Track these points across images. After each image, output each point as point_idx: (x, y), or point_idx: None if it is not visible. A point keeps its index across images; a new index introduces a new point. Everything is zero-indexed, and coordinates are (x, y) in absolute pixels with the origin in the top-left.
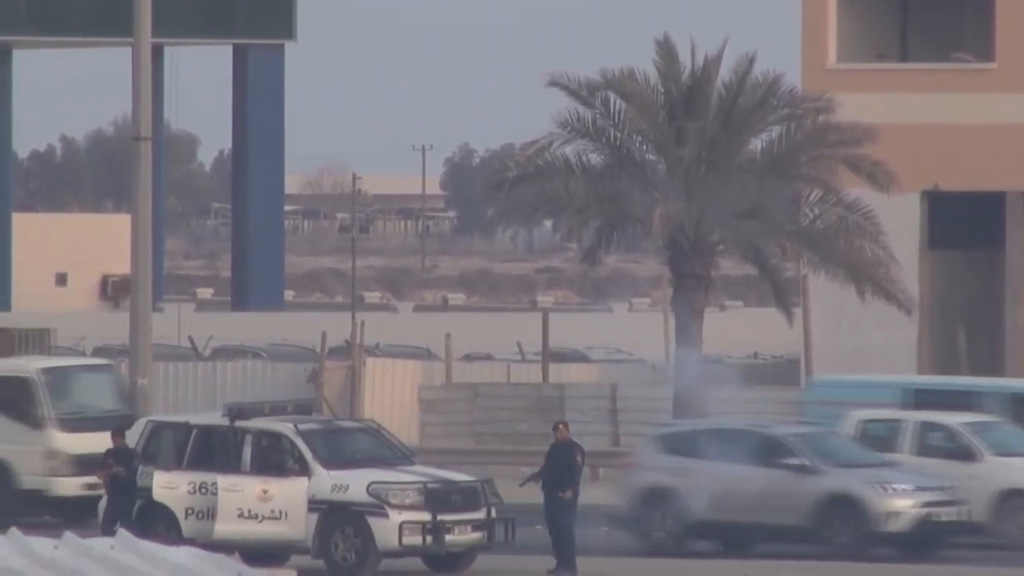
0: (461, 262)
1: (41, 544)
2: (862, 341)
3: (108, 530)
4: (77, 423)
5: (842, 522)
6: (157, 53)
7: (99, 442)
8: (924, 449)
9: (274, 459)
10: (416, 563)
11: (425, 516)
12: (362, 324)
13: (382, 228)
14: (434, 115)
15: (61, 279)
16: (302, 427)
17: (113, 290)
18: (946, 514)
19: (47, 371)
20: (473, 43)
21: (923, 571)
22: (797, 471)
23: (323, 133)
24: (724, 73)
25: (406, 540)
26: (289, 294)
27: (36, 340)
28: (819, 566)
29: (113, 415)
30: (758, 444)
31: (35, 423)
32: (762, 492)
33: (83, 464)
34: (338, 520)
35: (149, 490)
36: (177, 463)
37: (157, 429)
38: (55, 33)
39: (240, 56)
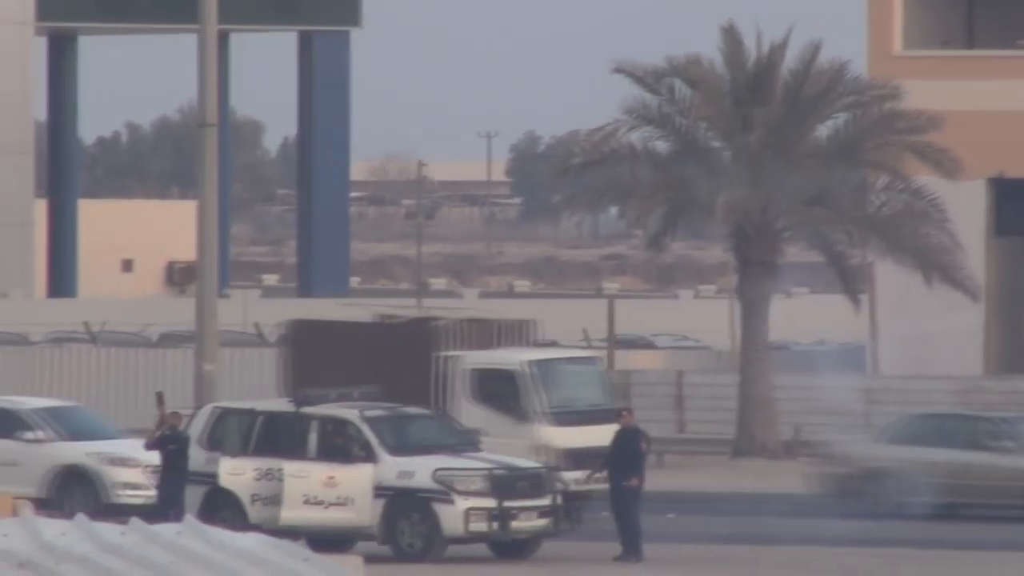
0: (527, 249)
1: (107, 530)
2: (928, 328)
3: (163, 514)
4: (565, 417)
5: None
6: (223, 40)
7: (588, 436)
8: None
9: (340, 445)
10: (482, 549)
11: (491, 503)
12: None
13: (447, 215)
14: (500, 101)
15: (127, 265)
16: (368, 414)
17: (178, 276)
18: None
19: (534, 363)
20: (539, 30)
21: None
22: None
23: (389, 120)
24: (790, 60)
25: (472, 526)
26: (354, 280)
27: (516, 331)
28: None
29: (599, 409)
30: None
31: (522, 416)
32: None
33: (572, 458)
34: (404, 506)
35: (215, 476)
36: (243, 450)
37: (223, 416)
38: (121, 20)
39: (305, 43)
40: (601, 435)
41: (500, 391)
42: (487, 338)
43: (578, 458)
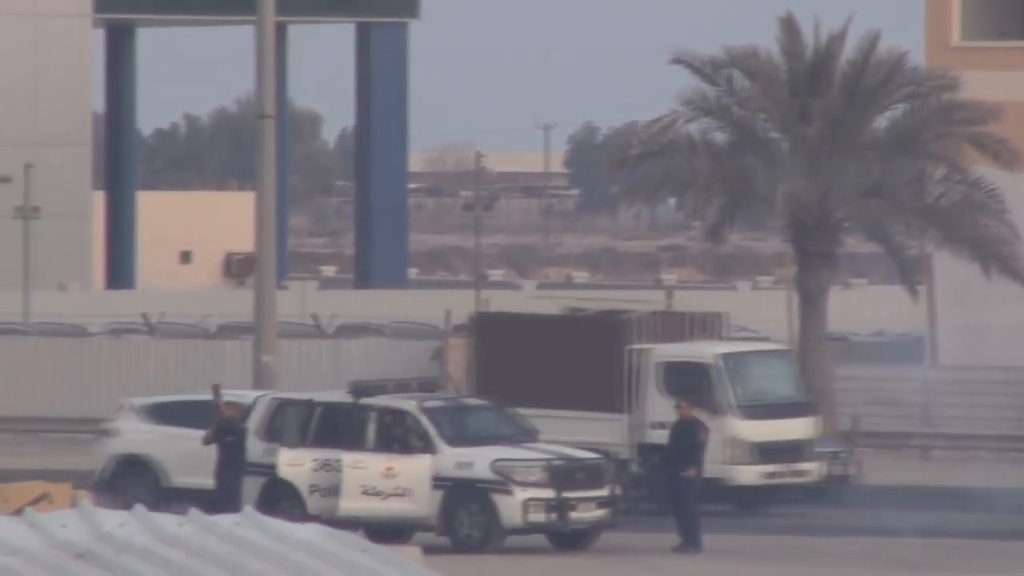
0: (585, 240)
1: (166, 521)
2: (986, 319)
3: (221, 505)
4: (756, 410)
5: None
6: (281, 31)
7: (778, 430)
8: None
9: (398, 436)
10: (540, 540)
11: (549, 493)
12: (486, 302)
13: (506, 206)
14: (558, 93)
15: (185, 257)
16: (426, 404)
17: (237, 268)
18: None
19: (727, 356)
20: (597, 20)
21: None
22: None
23: (447, 111)
24: (848, 51)
25: (530, 517)
26: (413, 272)
27: (707, 324)
28: None
29: (790, 402)
30: None
31: (713, 410)
32: None
33: (764, 452)
34: (462, 497)
35: (274, 467)
36: (302, 440)
37: (282, 406)
38: (179, 12)
39: (363, 34)
40: (791, 429)
41: (691, 384)
42: (677, 331)
43: (768, 452)
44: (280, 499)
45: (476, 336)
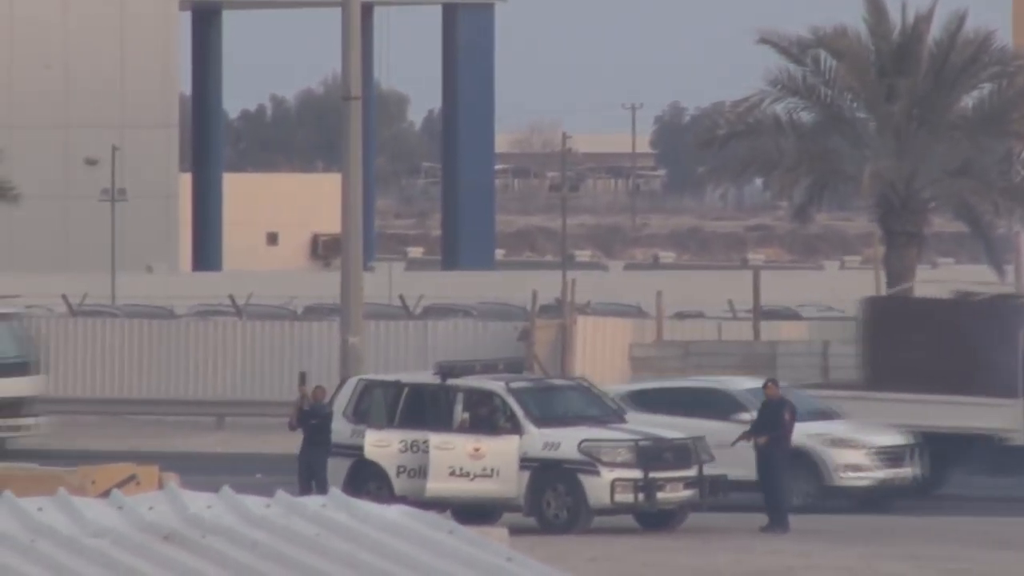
0: (671, 220)
1: (253, 502)
2: None
3: (305, 486)
4: None
5: None
6: (367, 13)
7: None
8: None
9: (485, 417)
10: (628, 521)
11: (637, 474)
12: (573, 282)
13: (592, 187)
14: (644, 73)
15: (272, 239)
16: (513, 385)
17: (323, 249)
18: None
19: None
20: (683, 1)
21: None
22: None
23: (533, 92)
24: (935, 30)
25: (618, 497)
26: (499, 253)
27: None
28: None
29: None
30: None
31: None
32: None
33: None
34: (550, 478)
35: (361, 449)
36: (389, 422)
37: (368, 388)
38: None
39: (450, 16)
40: None
41: None
42: None
43: None
44: (367, 480)
45: (866, 320)
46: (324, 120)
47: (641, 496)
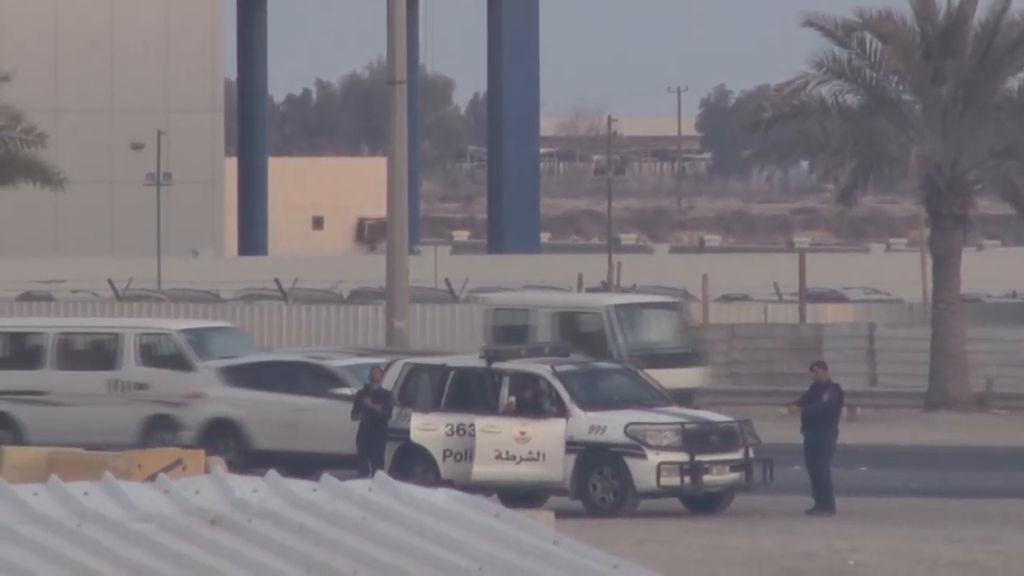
0: (717, 203)
1: (299, 486)
2: None
3: (364, 469)
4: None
5: None
6: None
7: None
8: None
9: (531, 400)
10: (674, 504)
11: (683, 457)
12: (618, 265)
13: (638, 170)
14: (689, 56)
15: (317, 223)
16: (559, 368)
17: (369, 233)
18: None
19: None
20: None
21: None
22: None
23: (578, 75)
24: (980, 12)
25: (664, 481)
26: (545, 236)
27: None
28: None
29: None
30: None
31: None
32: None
33: None
34: (596, 461)
35: (407, 432)
36: (435, 405)
37: (414, 371)
38: None
39: (495, 0)
40: None
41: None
42: None
43: None
44: (414, 464)
45: None
46: (369, 104)
47: (687, 479)
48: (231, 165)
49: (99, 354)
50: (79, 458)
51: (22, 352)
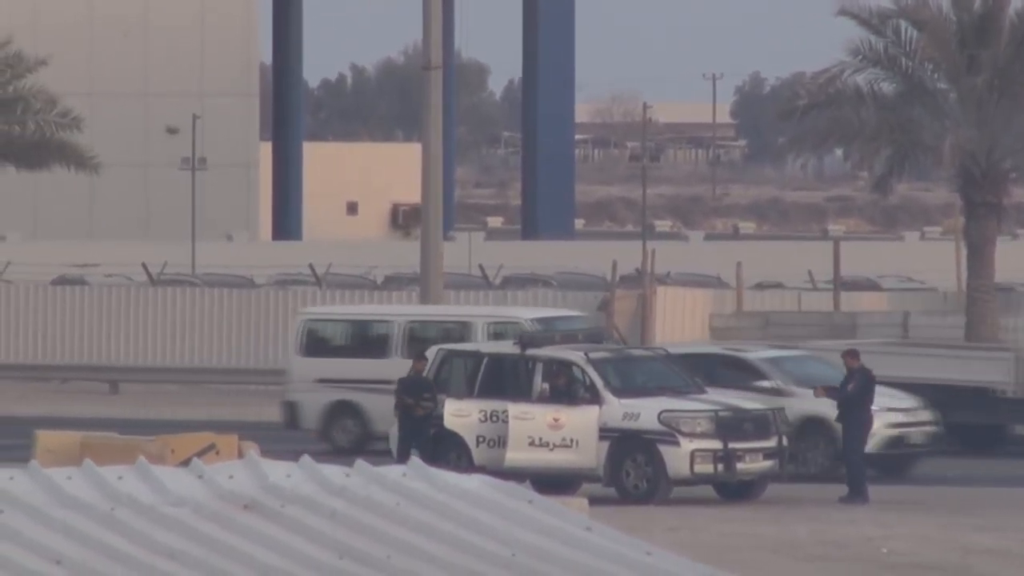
0: (751, 191)
1: (333, 471)
2: None
3: (403, 459)
4: None
5: None
6: None
7: None
8: None
9: (565, 387)
10: (707, 491)
11: (716, 444)
12: (653, 252)
13: (672, 157)
14: (725, 43)
15: (352, 208)
16: (593, 355)
17: (403, 219)
18: None
19: None
20: None
21: None
22: None
23: (613, 62)
24: (1016, 1)
25: (697, 468)
26: (579, 222)
27: None
28: None
29: None
30: None
31: None
32: None
33: None
34: (629, 448)
35: (441, 418)
36: (468, 391)
37: (448, 357)
38: None
39: None
40: None
41: None
42: None
43: None
44: (447, 450)
45: None
46: (404, 90)
47: (720, 467)
48: (266, 150)
49: (448, 343)
50: (113, 442)
51: (367, 340)
